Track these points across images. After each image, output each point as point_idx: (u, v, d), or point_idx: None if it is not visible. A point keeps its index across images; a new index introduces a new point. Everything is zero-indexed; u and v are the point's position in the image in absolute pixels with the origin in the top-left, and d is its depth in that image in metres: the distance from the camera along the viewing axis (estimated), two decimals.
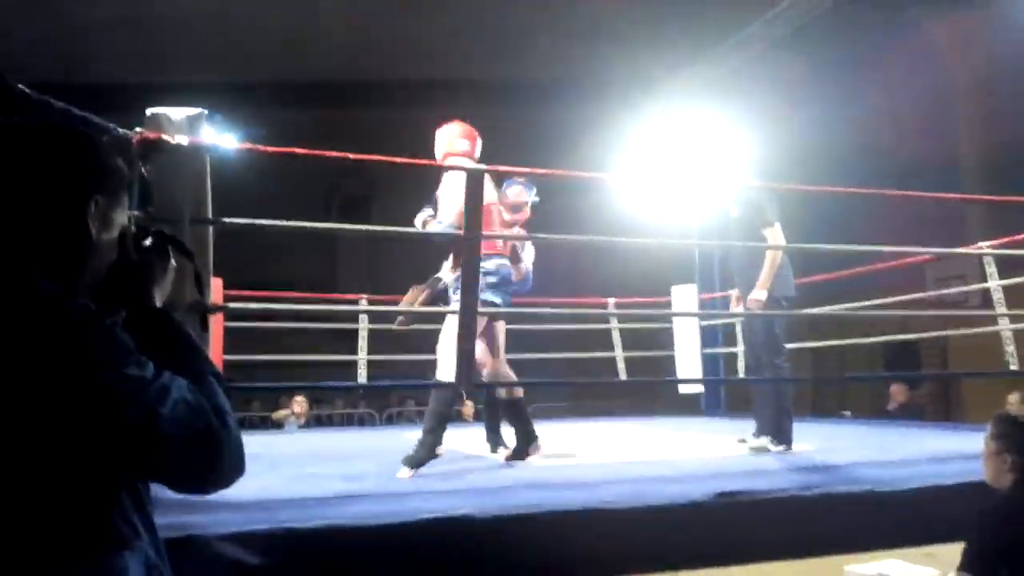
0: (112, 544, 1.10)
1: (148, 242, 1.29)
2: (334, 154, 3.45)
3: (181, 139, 2.87)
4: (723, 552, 2.60)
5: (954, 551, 2.35)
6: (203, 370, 1.18)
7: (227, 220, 3.11)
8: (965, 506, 2.47)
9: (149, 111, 2.89)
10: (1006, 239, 5.43)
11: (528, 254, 4.77)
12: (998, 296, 5.44)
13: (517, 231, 4.66)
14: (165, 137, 2.82)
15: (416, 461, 3.66)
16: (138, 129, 2.80)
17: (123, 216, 1.25)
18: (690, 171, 7.60)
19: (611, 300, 7.40)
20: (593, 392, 12.28)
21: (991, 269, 5.48)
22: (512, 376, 4.35)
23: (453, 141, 4.15)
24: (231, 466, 1.15)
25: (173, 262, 1.32)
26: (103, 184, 1.21)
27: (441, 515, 2.46)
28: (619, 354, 7.47)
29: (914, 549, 2.74)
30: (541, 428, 5.06)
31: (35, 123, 1.22)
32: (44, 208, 1.15)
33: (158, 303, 1.27)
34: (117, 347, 1.08)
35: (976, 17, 10.23)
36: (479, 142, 4.23)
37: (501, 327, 4.32)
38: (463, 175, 3.42)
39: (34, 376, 1.02)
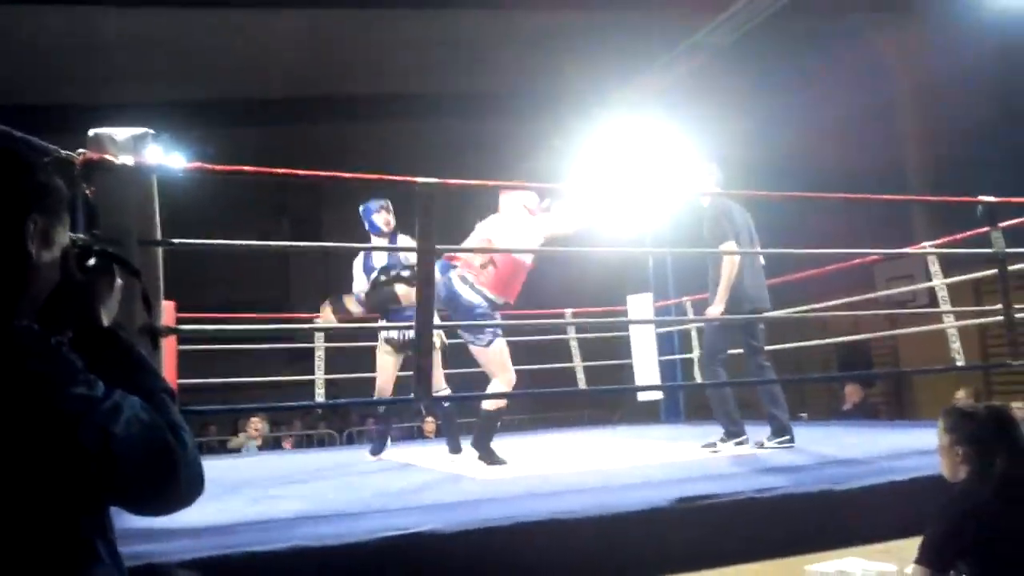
0: (74, 570, 1.08)
1: (92, 261, 1.27)
2: (282, 171, 3.41)
3: (126, 159, 2.82)
4: (686, 557, 2.61)
5: (911, 545, 2.39)
6: (155, 387, 1.17)
7: (176, 241, 3.07)
8: (920, 501, 2.52)
9: (92, 132, 2.84)
10: (948, 239, 5.57)
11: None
12: (942, 294, 5.58)
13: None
14: (109, 157, 2.77)
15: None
16: (81, 150, 2.75)
17: (64, 235, 1.23)
18: (642, 180, 7.68)
19: (568, 311, 7.43)
20: (553, 402, 12.28)
21: (935, 268, 5.61)
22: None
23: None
24: (189, 483, 1.14)
25: (119, 281, 1.30)
26: (41, 203, 1.19)
27: (404, 532, 2.43)
28: (578, 364, 7.49)
29: (873, 546, 2.78)
30: (503, 440, 5.06)
31: None
32: None
33: (105, 322, 1.25)
34: (63, 368, 1.07)
35: (915, 27, 10.53)
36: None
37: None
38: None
39: None
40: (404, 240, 5.11)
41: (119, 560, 1.17)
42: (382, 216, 5.16)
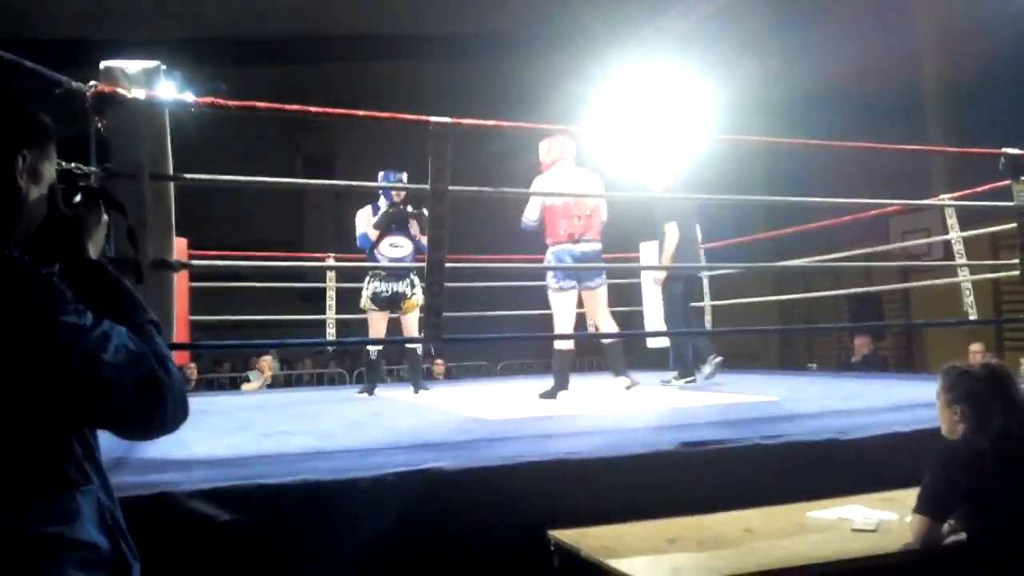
0: (64, 486, 1.13)
1: (79, 197, 1.30)
2: (295, 107, 3.38)
3: (138, 93, 2.80)
4: (690, 500, 2.64)
5: (911, 495, 2.41)
6: (141, 319, 1.22)
7: (188, 176, 3.06)
8: (922, 452, 2.53)
9: (103, 64, 2.82)
10: (967, 191, 5.50)
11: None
12: (958, 248, 5.53)
13: None
14: (120, 91, 2.75)
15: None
16: (93, 82, 2.73)
17: (52, 170, 1.26)
18: (658, 124, 7.59)
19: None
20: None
21: (951, 221, 5.55)
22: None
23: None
24: (174, 410, 1.18)
25: (105, 216, 1.33)
26: (29, 138, 1.22)
27: (411, 468, 2.47)
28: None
29: (874, 494, 2.81)
30: (511, 384, 5.11)
31: None
32: None
33: (92, 255, 1.28)
34: (54, 296, 1.10)
35: None
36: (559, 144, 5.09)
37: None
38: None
39: None
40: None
41: (107, 481, 1.22)
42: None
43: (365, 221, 5.69)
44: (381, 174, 5.51)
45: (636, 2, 8.55)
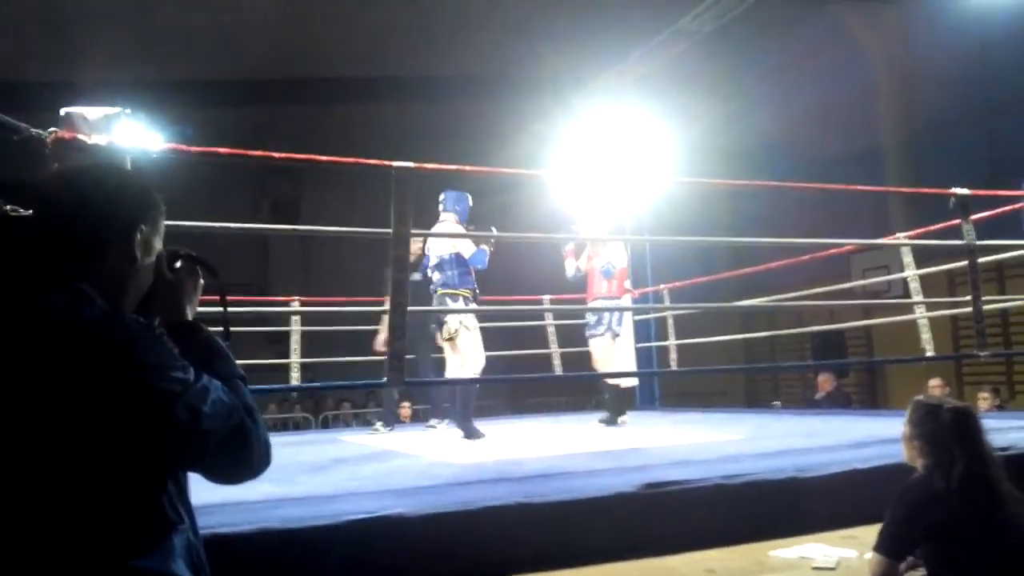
0: (162, 525, 1.24)
1: (179, 264, 1.45)
2: (258, 153, 3.40)
3: (99, 139, 2.80)
4: (653, 542, 2.64)
5: (872, 532, 2.43)
6: (231, 373, 1.35)
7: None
8: (882, 489, 2.55)
9: (63, 110, 2.81)
10: (922, 230, 5.63)
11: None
12: (914, 285, 5.63)
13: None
14: (81, 137, 2.74)
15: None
16: (52, 129, 2.72)
17: (160, 242, 1.42)
18: (621, 167, 7.70)
19: (546, 297, 7.44)
20: (530, 388, 12.33)
21: (908, 259, 5.66)
22: None
23: None
24: (260, 457, 1.30)
25: (201, 280, 1.49)
26: (146, 215, 1.37)
27: (373, 515, 2.45)
28: (555, 350, 7.51)
29: (835, 532, 2.83)
30: (478, 425, 5.09)
31: (93, 165, 1.50)
32: (100, 236, 1.31)
33: (189, 316, 1.43)
34: (166, 354, 1.24)
35: (896, 17, 10.59)
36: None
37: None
38: None
39: (96, 380, 1.15)
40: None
41: (194, 521, 1.34)
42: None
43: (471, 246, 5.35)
44: (444, 194, 5.43)
45: (599, 46, 8.70)
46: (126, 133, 2.98)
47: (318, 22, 8.92)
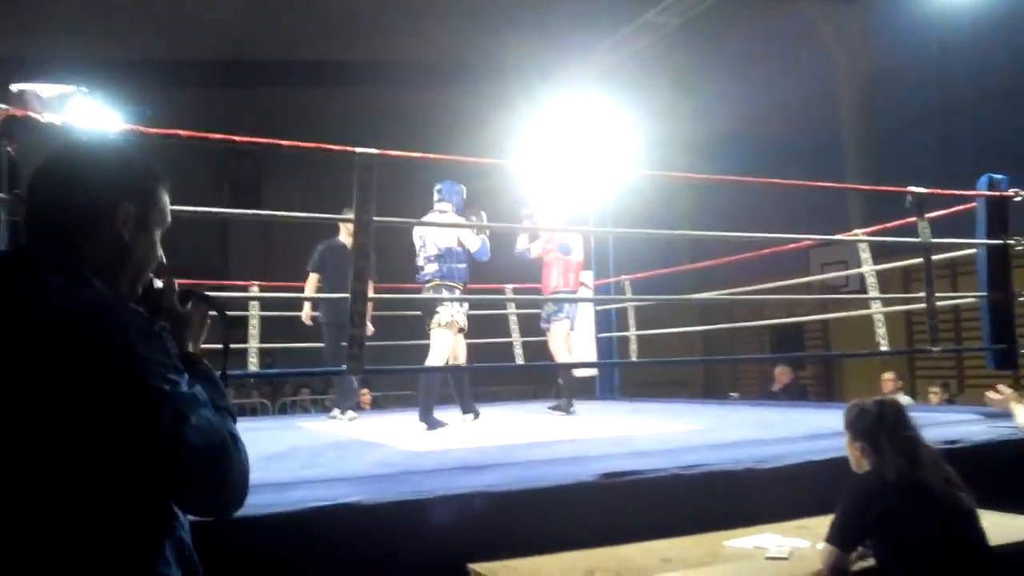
0: (150, 525, 1.20)
1: (190, 303, 1.46)
2: (220, 136, 3.35)
3: (52, 117, 2.74)
4: (609, 532, 2.66)
5: (825, 523, 2.48)
6: (222, 404, 1.31)
7: None
8: (835, 479, 2.60)
9: (15, 87, 2.75)
10: (879, 227, 5.72)
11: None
12: (871, 280, 5.73)
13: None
14: (33, 115, 2.68)
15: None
16: (3, 106, 2.66)
17: (164, 212, 1.40)
18: (586, 158, 7.71)
19: (508, 286, 7.45)
20: (492, 377, 12.34)
21: (865, 255, 5.76)
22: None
23: None
24: (236, 487, 1.24)
25: (208, 319, 1.49)
26: (131, 189, 1.34)
27: (330, 503, 2.44)
28: (516, 339, 7.53)
29: (789, 522, 2.87)
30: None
31: (71, 145, 1.41)
32: (84, 220, 1.29)
33: (191, 349, 1.42)
34: (161, 350, 1.20)
35: (860, 17, 10.74)
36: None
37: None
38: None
39: (84, 362, 1.12)
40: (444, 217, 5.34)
41: (186, 519, 1.28)
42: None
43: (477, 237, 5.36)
44: (440, 185, 5.42)
45: (564, 37, 8.69)
46: (82, 112, 2.93)
47: (284, 5, 8.81)
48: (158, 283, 1.43)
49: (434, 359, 5.16)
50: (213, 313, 1.50)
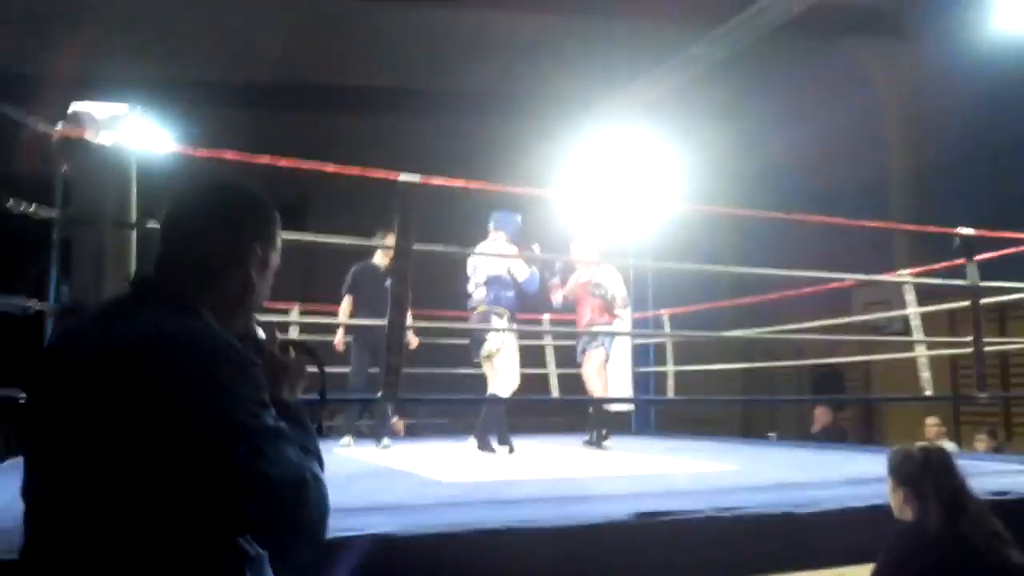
0: (232, 557, 1.17)
1: (292, 352, 1.47)
2: (264, 159, 3.40)
3: (105, 138, 2.80)
4: (640, 573, 2.61)
5: (863, 572, 2.41)
6: (311, 449, 1.31)
7: (152, 225, 3.04)
8: (877, 528, 2.53)
9: (72, 108, 2.81)
10: (924, 268, 5.61)
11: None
12: (915, 323, 5.62)
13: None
14: (87, 137, 2.74)
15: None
16: (58, 126, 2.72)
17: (277, 255, 1.44)
18: (628, 190, 7.69)
19: (546, 316, 7.42)
20: (527, 409, 12.28)
21: (910, 297, 5.65)
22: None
23: None
24: (313, 524, 1.22)
25: (307, 370, 1.48)
26: (262, 231, 1.40)
27: (359, 533, 2.42)
28: (552, 371, 7.48)
29: (826, 570, 2.80)
30: (472, 443, 5.07)
31: (204, 189, 1.42)
32: (214, 265, 1.32)
33: (288, 398, 1.41)
34: (251, 383, 1.20)
35: (909, 54, 10.62)
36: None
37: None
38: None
39: (171, 385, 1.13)
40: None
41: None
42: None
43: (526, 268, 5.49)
44: (496, 213, 5.53)
45: (606, 69, 8.71)
46: (134, 132, 2.98)
47: (335, 31, 8.95)
48: (260, 333, 1.44)
49: (498, 387, 5.22)
50: (313, 369, 1.50)
